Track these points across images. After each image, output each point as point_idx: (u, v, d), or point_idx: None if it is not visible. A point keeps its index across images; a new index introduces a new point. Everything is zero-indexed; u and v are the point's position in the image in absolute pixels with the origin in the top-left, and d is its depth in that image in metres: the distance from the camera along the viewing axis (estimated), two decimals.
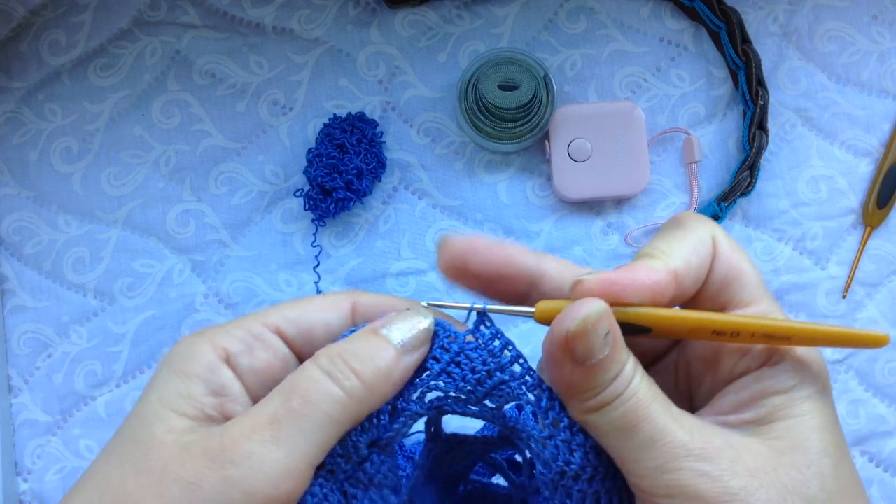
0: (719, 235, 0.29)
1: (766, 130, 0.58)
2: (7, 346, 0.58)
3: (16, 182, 0.58)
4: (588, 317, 0.26)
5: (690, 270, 0.28)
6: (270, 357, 0.29)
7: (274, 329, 0.29)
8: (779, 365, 0.28)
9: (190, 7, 0.59)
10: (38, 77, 0.59)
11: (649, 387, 0.27)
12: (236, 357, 0.28)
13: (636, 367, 0.27)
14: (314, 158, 0.56)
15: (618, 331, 0.26)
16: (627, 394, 0.26)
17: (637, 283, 0.27)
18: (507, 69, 0.56)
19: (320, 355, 0.28)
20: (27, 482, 0.57)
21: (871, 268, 0.59)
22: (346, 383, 0.27)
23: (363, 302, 0.31)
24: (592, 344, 0.26)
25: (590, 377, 0.26)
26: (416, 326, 0.29)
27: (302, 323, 0.29)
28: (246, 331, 0.29)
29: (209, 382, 0.27)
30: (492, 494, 0.39)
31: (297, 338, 0.29)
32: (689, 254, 0.28)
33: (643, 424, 0.26)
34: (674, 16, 0.60)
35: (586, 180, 0.57)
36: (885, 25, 0.60)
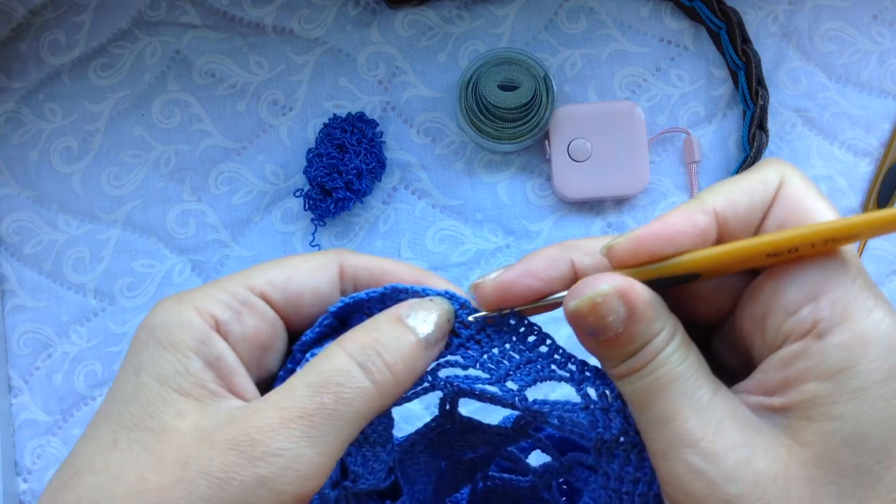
0: (791, 177, 0.26)
1: (766, 130, 0.58)
2: (7, 346, 0.58)
3: (16, 182, 0.58)
4: (593, 296, 0.25)
5: (738, 210, 0.25)
6: (258, 322, 0.27)
7: (259, 293, 0.28)
8: (827, 337, 0.23)
9: (190, 7, 0.59)
10: (38, 77, 0.59)
11: (680, 362, 0.25)
12: (225, 325, 0.27)
13: (669, 339, 0.25)
14: (314, 158, 0.56)
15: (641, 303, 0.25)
16: (649, 368, 0.25)
17: (671, 232, 0.25)
18: (507, 69, 0.56)
19: (349, 343, 0.26)
20: (27, 482, 0.57)
21: (871, 268, 0.59)
22: (379, 377, 0.26)
23: (352, 263, 0.29)
24: (601, 322, 0.25)
25: (607, 350, 0.26)
26: (440, 317, 0.28)
27: (289, 289, 0.28)
28: (231, 295, 0.27)
29: (204, 354, 0.26)
30: (513, 490, 0.39)
31: (284, 303, 0.28)
32: (739, 193, 0.25)
33: (657, 402, 0.25)
34: (674, 16, 0.60)
35: (586, 180, 0.57)
36: (885, 25, 0.60)
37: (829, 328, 0.23)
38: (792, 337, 0.24)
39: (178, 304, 0.26)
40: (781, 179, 0.25)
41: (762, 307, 0.25)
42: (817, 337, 0.23)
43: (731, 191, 0.25)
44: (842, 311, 0.23)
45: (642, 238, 0.25)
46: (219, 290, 0.27)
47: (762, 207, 0.25)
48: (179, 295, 0.27)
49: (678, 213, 0.25)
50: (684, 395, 0.24)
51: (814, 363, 0.23)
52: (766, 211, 0.25)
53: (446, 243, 0.59)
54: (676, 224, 0.25)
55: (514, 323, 0.29)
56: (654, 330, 0.25)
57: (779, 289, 0.25)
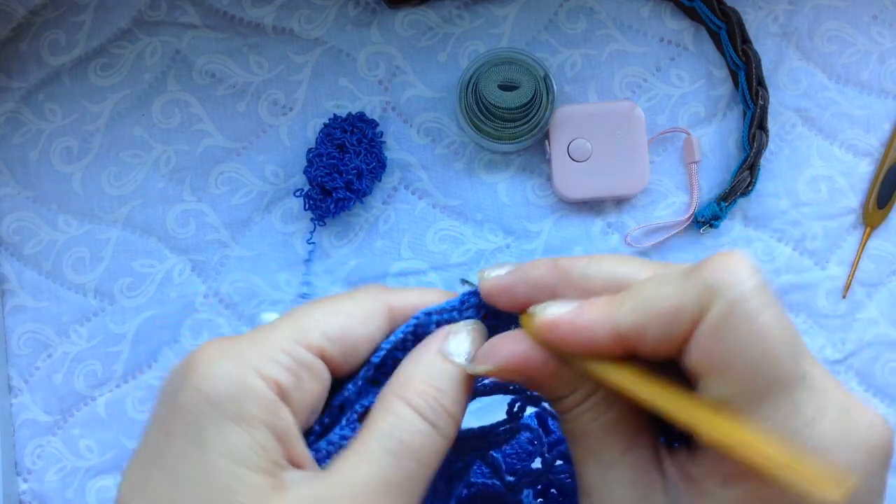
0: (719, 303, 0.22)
1: (766, 130, 0.58)
2: (7, 346, 0.58)
3: (16, 182, 0.58)
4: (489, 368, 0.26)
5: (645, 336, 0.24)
6: (316, 385, 0.26)
7: (318, 352, 0.27)
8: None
9: (190, 7, 0.59)
10: (38, 77, 0.59)
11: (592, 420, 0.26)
12: (288, 392, 0.25)
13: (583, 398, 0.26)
14: (314, 158, 0.56)
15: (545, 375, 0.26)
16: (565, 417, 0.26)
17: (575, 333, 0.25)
18: (507, 69, 0.56)
19: (413, 396, 0.26)
20: (27, 482, 0.57)
21: (871, 268, 0.59)
22: (446, 429, 0.26)
23: (397, 307, 0.29)
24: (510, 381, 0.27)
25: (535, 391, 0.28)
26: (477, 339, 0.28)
27: (347, 342, 0.27)
28: (291, 357, 0.26)
29: (273, 427, 0.24)
30: (497, 496, 0.38)
31: (341, 359, 0.27)
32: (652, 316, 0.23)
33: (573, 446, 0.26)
34: (674, 16, 0.60)
35: (586, 180, 0.57)
36: (885, 25, 0.60)
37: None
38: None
39: (240, 369, 0.25)
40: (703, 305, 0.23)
41: None
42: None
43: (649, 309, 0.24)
44: None
45: (554, 326, 0.25)
46: (278, 351, 0.25)
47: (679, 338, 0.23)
48: (232, 351, 0.25)
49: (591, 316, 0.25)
50: (590, 449, 0.26)
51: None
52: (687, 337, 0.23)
53: (446, 243, 0.59)
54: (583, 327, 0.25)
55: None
56: (561, 392, 0.26)
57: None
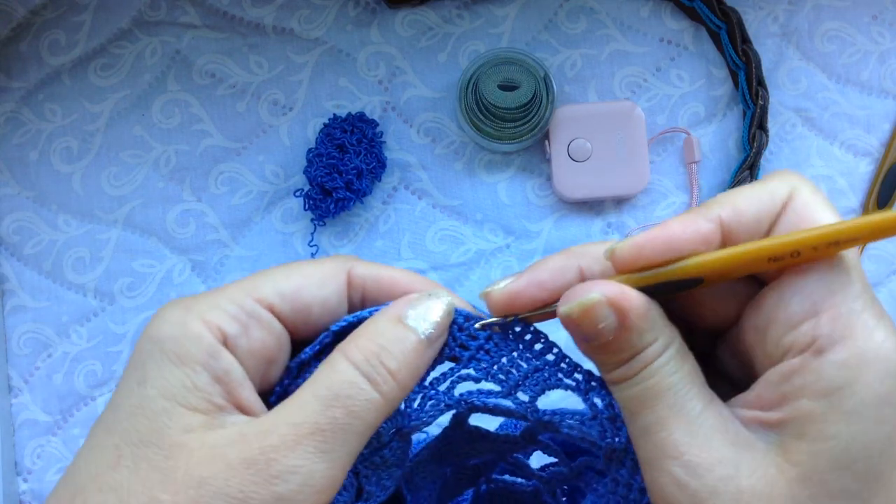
0: (801, 189, 0.25)
1: (766, 130, 0.58)
2: (7, 346, 0.58)
3: (16, 182, 0.58)
4: (582, 303, 0.25)
5: (744, 219, 0.25)
6: (266, 336, 0.27)
7: (268, 306, 0.27)
8: (826, 354, 0.23)
9: (190, 7, 0.59)
10: (38, 77, 0.59)
11: (672, 373, 0.25)
12: (233, 338, 0.26)
13: (662, 350, 0.25)
14: (314, 158, 0.56)
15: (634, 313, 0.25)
16: (639, 378, 0.25)
17: (672, 237, 0.25)
18: (507, 69, 0.56)
19: (354, 353, 0.26)
20: (27, 482, 0.57)
21: (871, 268, 0.59)
22: (385, 387, 0.26)
23: (360, 273, 0.29)
24: (591, 329, 0.25)
25: (599, 355, 0.26)
26: (439, 314, 0.27)
27: (298, 301, 0.27)
28: (239, 307, 0.26)
29: (212, 369, 0.25)
30: (516, 493, 0.39)
31: (292, 315, 0.28)
32: (746, 203, 0.25)
33: (647, 411, 0.25)
34: (674, 16, 0.60)
35: (586, 180, 0.57)
36: (885, 25, 0.60)
37: (828, 345, 0.23)
38: (791, 352, 0.24)
39: (185, 314, 0.26)
40: (791, 191, 0.25)
41: (764, 319, 0.25)
42: (816, 353, 0.23)
43: (737, 200, 0.25)
44: (842, 329, 0.23)
45: (643, 243, 0.25)
46: (227, 301, 0.26)
47: (769, 218, 0.25)
48: (185, 302, 0.26)
49: (680, 219, 0.25)
50: (674, 406, 0.24)
51: (810, 380, 0.23)
52: (773, 222, 0.25)
53: (446, 243, 0.59)
54: (678, 229, 0.25)
55: (519, 330, 0.28)
56: (647, 340, 0.25)
57: (781, 301, 0.24)
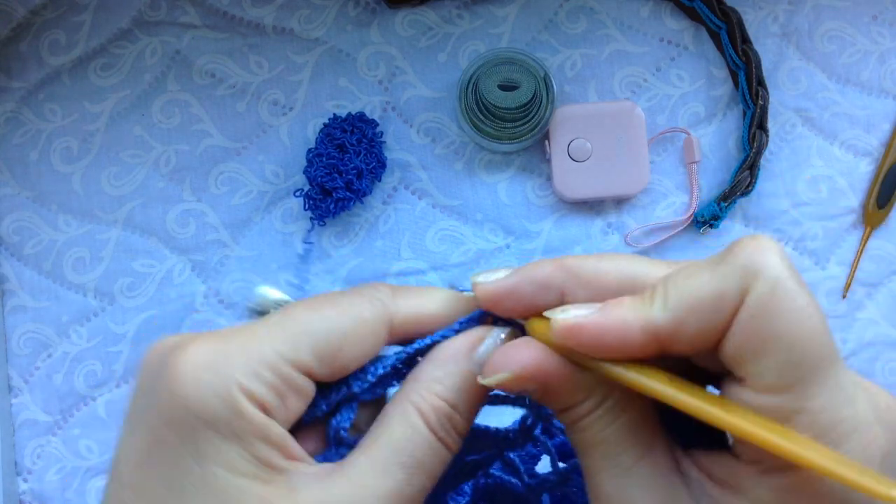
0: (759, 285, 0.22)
1: (766, 130, 0.58)
2: (7, 346, 0.58)
3: (16, 182, 0.58)
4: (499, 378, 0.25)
5: (683, 330, 0.23)
6: (301, 403, 0.26)
7: (306, 371, 0.26)
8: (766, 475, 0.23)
9: (190, 7, 0.59)
10: (38, 77, 0.59)
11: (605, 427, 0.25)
12: (272, 411, 0.25)
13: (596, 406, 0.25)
14: (314, 158, 0.56)
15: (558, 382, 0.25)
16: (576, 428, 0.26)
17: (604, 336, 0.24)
18: (507, 69, 0.56)
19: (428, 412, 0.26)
20: (27, 482, 0.57)
21: (871, 268, 0.59)
22: (454, 445, 0.27)
23: (400, 324, 0.28)
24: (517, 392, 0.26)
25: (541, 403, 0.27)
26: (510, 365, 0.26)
27: (336, 363, 0.26)
28: (277, 375, 0.25)
29: (270, 440, 0.25)
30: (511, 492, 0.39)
31: (328, 376, 0.27)
32: (690, 307, 0.23)
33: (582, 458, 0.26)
34: (674, 16, 0.60)
35: (586, 180, 0.57)
36: (885, 25, 0.60)
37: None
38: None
39: (227, 386, 0.24)
40: (743, 288, 0.22)
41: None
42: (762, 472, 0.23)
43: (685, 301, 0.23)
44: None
45: (578, 330, 0.24)
46: (264, 367, 0.25)
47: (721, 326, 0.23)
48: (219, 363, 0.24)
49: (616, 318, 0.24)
50: (605, 458, 0.25)
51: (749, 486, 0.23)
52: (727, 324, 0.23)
53: (446, 243, 0.59)
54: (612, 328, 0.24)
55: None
56: (576, 399, 0.25)
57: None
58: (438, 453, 0.26)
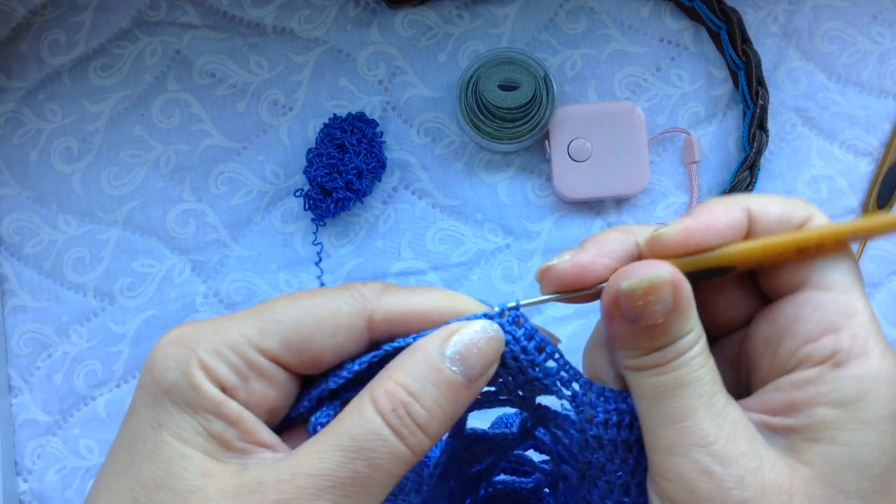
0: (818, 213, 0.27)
1: (766, 130, 0.58)
2: (7, 346, 0.58)
3: (16, 182, 0.58)
4: (643, 280, 0.25)
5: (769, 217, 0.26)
6: (265, 388, 0.26)
7: (272, 357, 0.26)
8: (843, 368, 0.24)
9: (190, 7, 0.59)
10: (38, 77, 0.59)
11: (701, 365, 0.25)
12: (231, 390, 0.25)
13: (696, 340, 0.25)
14: (314, 158, 0.56)
15: (685, 299, 0.25)
16: (671, 366, 0.25)
17: (714, 225, 0.26)
18: (507, 69, 0.56)
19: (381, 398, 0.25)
20: (27, 482, 0.57)
21: (871, 268, 0.59)
22: (412, 440, 0.25)
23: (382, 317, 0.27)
24: (647, 308, 0.25)
25: (638, 338, 0.26)
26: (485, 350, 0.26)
27: (306, 352, 0.26)
28: (240, 356, 0.26)
29: (223, 416, 0.25)
30: (515, 493, 0.39)
31: (299, 365, 0.27)
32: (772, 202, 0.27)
33: (673, 401, 0.25)
34: (674, 16, 0.60)
35: (586, 180, 0.57)
36: (885, 25, 0.60)
37: (846, 360, 0.24)
38: (807, 363, 0.25)
39: (187, 359, 0.25)
40: (810, 213, 0.27)
41: (778, 331, 0.26)
42: (834, 366, 0.24)
43: (764, 199, 0.27)
44: (860, 348, 0.25)
45: (692, 228, 0.26)
46: (228, 348, 0.25)
47: (790, 223, 0.27)
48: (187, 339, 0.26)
49: (720, 207, 0.26)
50: (702, 397, 0.25)
51: (828, 389, 0.24)
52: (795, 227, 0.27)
53: (446, 243, 0.59)
54: (722, 217, 0.26)
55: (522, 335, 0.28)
56: (687, 328, 0.25)
57: (800, 316, 0.26)
58: (385, 441, 0.24)
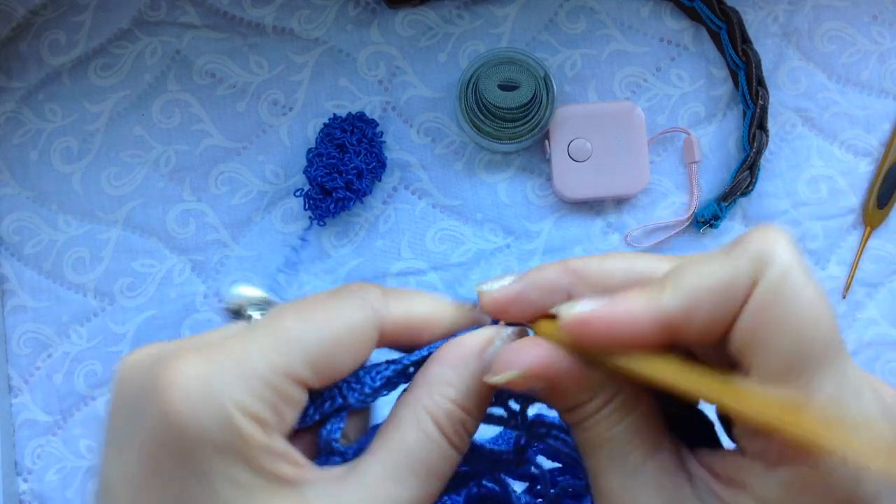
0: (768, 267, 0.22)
1: (766, 130, 0.58)
2: (7, 346, 0.58)
3: (16, 182, 0.58)
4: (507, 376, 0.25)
5: (694, 317, 0.23)
6: (296, 415, 0.25)
7: (299, 380, 0.25)
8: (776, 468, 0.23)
9: (190, 7, 0.59)
10: (38, 77, 0.59)
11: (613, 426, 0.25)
12: (270, 426, 0.24)
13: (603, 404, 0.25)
14: (314, 158, 0.56)
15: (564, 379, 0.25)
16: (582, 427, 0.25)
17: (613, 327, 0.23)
18: (507, 69, 0.56)
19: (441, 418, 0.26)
20: (27, 482, 0.57)
21: (871, 268, 0.59)
22: (464, 448, 0.27)
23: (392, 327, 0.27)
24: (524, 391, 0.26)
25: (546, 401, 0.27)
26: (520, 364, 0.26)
27: (328, 370, 0.26)
28: (272, 389, 0.24)
29: (273, 453, 0.24)
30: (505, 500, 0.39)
31: (321, 385, 0.26)
32: (702, 294, 0.23)
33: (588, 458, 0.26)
34: (674, 16, 0.60)
35: (586, 180, 0.57)
36: (885, 25, 0.60)
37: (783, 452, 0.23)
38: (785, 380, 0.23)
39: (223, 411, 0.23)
40: (754, 276, 0.22)
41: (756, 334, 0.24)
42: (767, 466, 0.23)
43: (697, 288, 0.23)
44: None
45: (587, 322, 0.24)
46: (258, 381, 0.24)
47: (731, 313, 0.23)
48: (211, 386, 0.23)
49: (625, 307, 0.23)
50: (612, 457, 0.25)
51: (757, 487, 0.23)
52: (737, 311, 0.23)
53: (446, 243, 0.59)
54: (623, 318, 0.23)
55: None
56: (583, 398, 0.25)
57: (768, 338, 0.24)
58: (450, 458, 0.26)
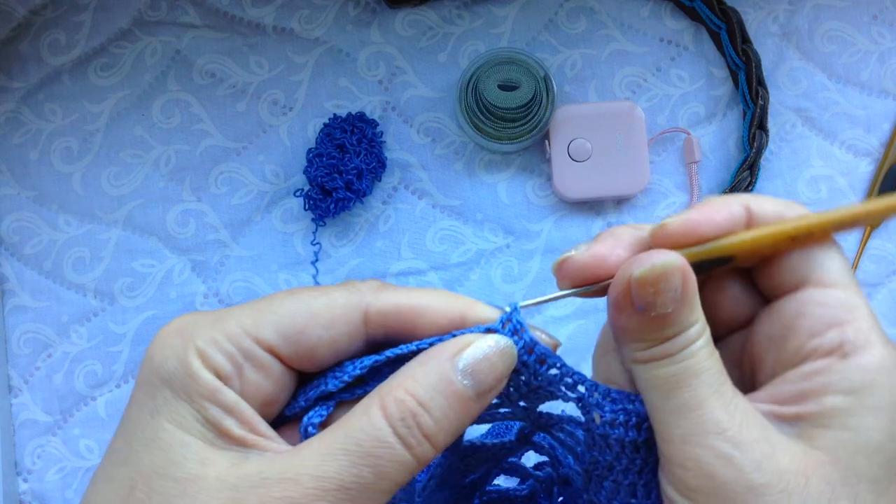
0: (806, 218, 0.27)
1: (766, 130, 0.58)
2: (7, 346, 0.58)
3: (16, 182, 0.58)
4: (656, 267, 0.25)
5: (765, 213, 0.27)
6: (260, 379, 0.26)
7: (268, 347, 0.26)
8: (850, 359, 0.25)
9: (190, 7, 0.59)
10: (38, 77, 0.59)
11: (708, 356, 0.26)
12: (226, 379, 0.26)
13: (702, 332, 0.26)
14: (314, 158, 0.56)
15: (692, 289, 0.26)
16: (681, 356, 0.25)
17: (715, 218, 0.27)
18: (507, 69, 0.56)
19: (391, 406, 0.25)
20: (27, 482, 0.57)
21: (871, 268, 0.59)
22: (418, 450, 0.25)
23: (378, 310, 0.27)
24: (658, 297, 0.25)
25: (648, 329, 0.26)
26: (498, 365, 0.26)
27: (301, 343, 0.26)
28: (236, 346, 0.26)
29: (220, 403, 0.25)
30: (510, 501, 0.38)
31: (295, 357, 0.27)
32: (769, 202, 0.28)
33: (685, 390, 0.25)
34: (674, 16, 0.60)
35: (586, 180, 0.57)
36: (885, 25, 0.60)
37: (853, 351, 0.25)
38: (814, 356, 0.26)
39: (185, 348, 0.25)
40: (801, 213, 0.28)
41: (783, 328, 0.27)
42: (842, 357, 0.25)
43: (762, 198, 0.28)
44: (864, 339, 0.26)
45: (696, 220, 0.27)
46: (224, 338, 0.26)
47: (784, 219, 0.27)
48: (185, 329, 0.26)
49: (721, 202, 0.27)
50: (712, 386, 0.25)
51: (837, 378, 0.25)
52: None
53: (446, 243, 0.59)
54: (722, 211, 0.27)
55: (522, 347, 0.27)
56: (693, 319, 0.26)
57: (804, 312, 0.27)
58: (392, 449, 0.24)
